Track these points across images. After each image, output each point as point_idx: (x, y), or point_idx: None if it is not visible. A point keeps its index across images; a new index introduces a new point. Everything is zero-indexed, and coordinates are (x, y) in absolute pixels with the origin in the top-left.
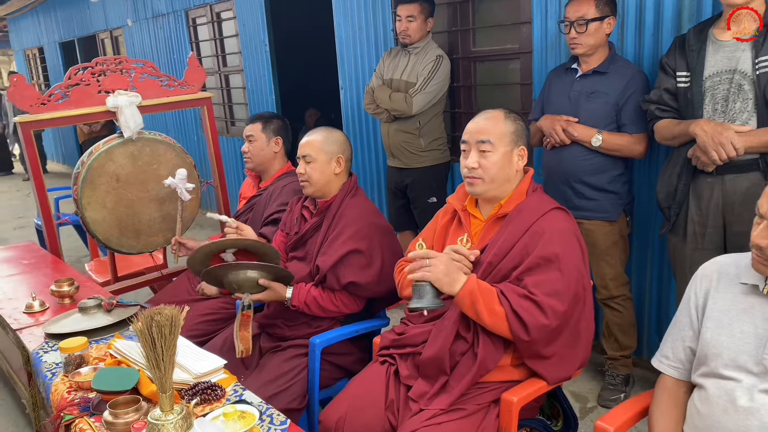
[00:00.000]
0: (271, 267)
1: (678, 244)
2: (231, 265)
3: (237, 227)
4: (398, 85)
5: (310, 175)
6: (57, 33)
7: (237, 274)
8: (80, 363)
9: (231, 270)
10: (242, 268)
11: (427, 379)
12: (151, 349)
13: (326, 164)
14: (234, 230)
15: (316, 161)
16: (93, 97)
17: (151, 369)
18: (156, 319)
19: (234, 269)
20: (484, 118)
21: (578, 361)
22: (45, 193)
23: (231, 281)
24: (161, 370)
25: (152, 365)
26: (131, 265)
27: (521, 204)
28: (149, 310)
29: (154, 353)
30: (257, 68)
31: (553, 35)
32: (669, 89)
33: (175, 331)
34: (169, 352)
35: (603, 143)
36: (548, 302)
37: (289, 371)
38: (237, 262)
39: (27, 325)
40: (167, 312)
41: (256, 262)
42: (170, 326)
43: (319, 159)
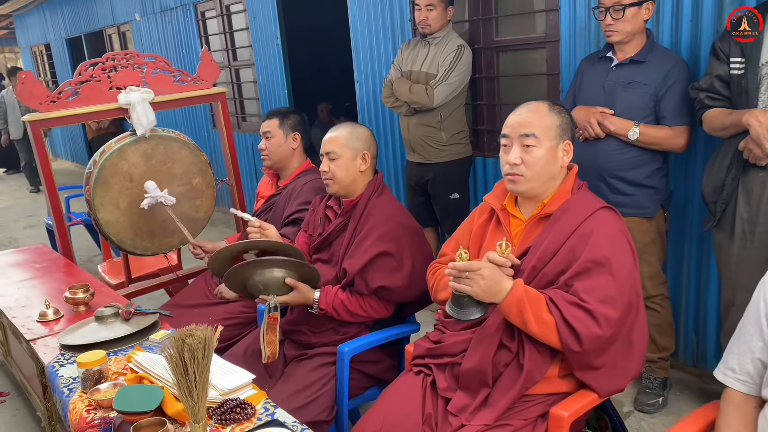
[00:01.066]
0: (298, 264)
1: (724, 241)
2: (256, 263)
3: (260, 227)
4: (418, 77)
5: (334, 173)
6: (63, 29)
7: (263, 273)
8: (99, 378)
9: (257, 269)
10: (268, 265)
11: (467, 392)
12: (182, 376)
13: (351, 161)
14: (257, 230)
15: (341, 158)
16: (104, 94)
17: (182, 397)
18: (188, 342)
19: (260, 267)
20: (527, 110)
21: (631, 373)
22: (56, 194)
23: (257, 281)
24: (194, 398)
25: (184, 393)
26: (145, 266)
27: (566, 203)
28: (180, 333)
29: (186, 380)
30: (269, 62)
31: (582, 22)
32: (721, 76)
33: (208, 355)
34: (202, 378)
35: (640, 136)
36: (601, 310)
37: (317, 381)
38: (262, 258)
39: (41, 335)
40: (199, 333)
41: (282, 258)
42: (203, 349)
43: (344, 156)
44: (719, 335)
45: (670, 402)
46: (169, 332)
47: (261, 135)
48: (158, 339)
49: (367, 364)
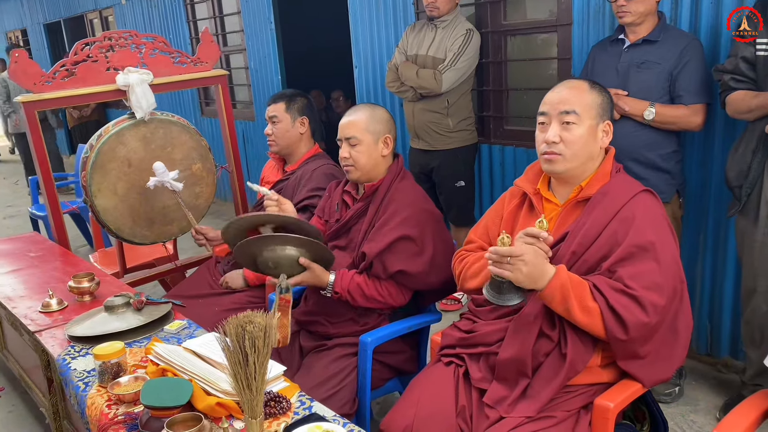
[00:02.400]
0: (312, 243)
1: (748, 227)
2: (269, 238)
3: (278, 200)
4: (424, 62)
5: (356, 159)
6: (41, 14)
7: (275, 249)
8: (118, 371)
9: (269, 245)
10: (281, 242)
11: (503, 383)
12: (241, 367)
13: (373, 146)
14: (274, 203)
15: (362, 143)
16: (101, 75)
17: (239, 390)
18: (249, 330)
19: (272, 244)
20: (567, 87)
21: (676, 362)
22: (51, 181)
23: (267, 258)
24: (253, 391)
25: (241, 386)
26: (138, 256)
27: (605, 186)
28: (238, 318)
29: (245, 372)
30: (261, 47)
31: (596, 5)
32: (747, 58)
33: (268, 344)
34: (262, 369)
35: (657, 116)
36: (648, 297)
37: (338, 373)
38: (276, 234)
39: (46, 326)
40: (260, 320)
41: (295, 235)
42: (264, 338)
43: (365, 140)
44: (734, 324)
45: (686, 391)
46: (185, 322)
47: (267, 119)
48: (174, 329)
49: (388, 354)
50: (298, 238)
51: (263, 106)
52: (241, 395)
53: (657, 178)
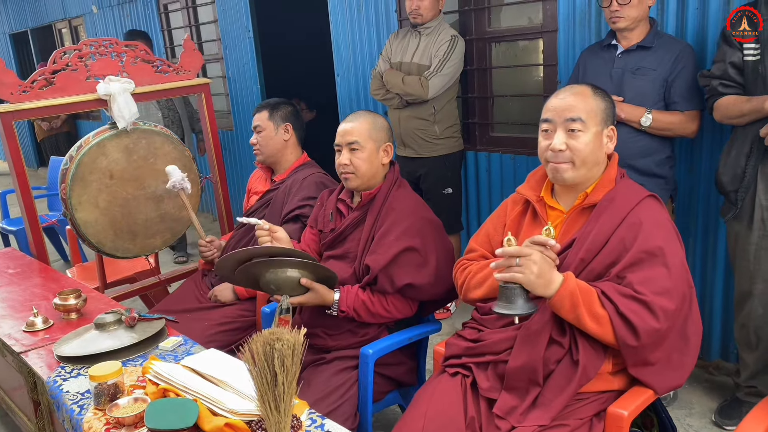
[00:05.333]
0: (314, 266)
1: (742, 231)
2: (269, 263)
3: (269, 230)
4: (409, 69)
5: (357, 166)
6: (6, 23)
7: (276, 272)
8: (115, 393)
9: (269, 268)
10: (282, 265)
11: (513, 392)
12: (269, 388)
13: (375, 153)
14: (266, 233)
15: (364, 150)
16: (81, 84)
17: (266, 412)
18: (277, 348)
19: (273, 267)
20: (571, 93)
21: (687, 368)
22: (30, 194)
23: (269, 281)
24: (281, 413)
25: (268, 408)
26: (118, 270)
27: (611, 192)
28: (265, 335)
29: (273, 393)
30: (239, 56)
31: (581, 11)
32: (735, 63)
33: (296, 362)
34: (290, 389)
35: (653, 122)
36: (658, 302)
37: (339, 387)
38: (277, 258)
39: (32, 347)
40: (288, 337)
41: (297, 259)
42: (292, 356)
43: (368, 147)
44: (724, 327)
45: (680, 395)
46: (180, 338)
47: (253, 130)
48: (170, 347)
49: (389, 366)
50: (298, 262)
51: (242, 116)
52: (268, 417)
53: (652, 184)
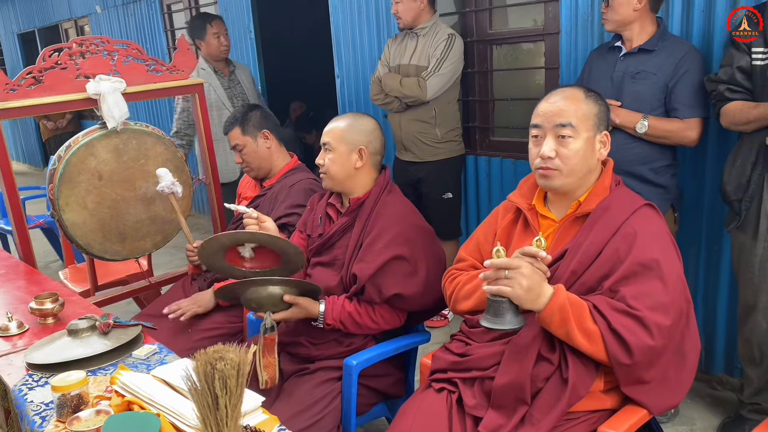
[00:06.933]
0: (296, 282)
1: (747, 242)
2: (249, 282)
3: (257, 218)
4: (407, 71)
5: (328, 167)
6: (15, 23)
7: (257, 290)
8: (78, 404)
9: (249, 286)
10: (262, 283)
11: (500, 410)
12: (211, 412)
13: (345, 156)
14: (254, 221)
15: (335, 152)
16: (70, 83)
17: None
18: (219, 368)
19: (253, 285)
20: (562, 96)
21: (685, 387)
22: (16, 193)
23: (249, 299)
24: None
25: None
26: (111, 272)
27: (606, 200)
28: (206, 355)
29: (215, 416)
30: (241, 58)
31: (584, 13)
32: (743, 67)
33: (241, 383)
34: (234, 412)
35: (649, 129)
36: (653, 318)
37: (321, 399)
38: (256, 278)
39: (4, 353)
40: (232, 356)
41: (278, 277)
42: (237, 377)
43: (339, 150)
44: (728, 340)
45: (681, 410)
46: (155, 346)
47: (233, 150)
48: (143, 355)
49: (374, 378)
50: (278, 279)
51: None
52: None
53: (649, 193)
